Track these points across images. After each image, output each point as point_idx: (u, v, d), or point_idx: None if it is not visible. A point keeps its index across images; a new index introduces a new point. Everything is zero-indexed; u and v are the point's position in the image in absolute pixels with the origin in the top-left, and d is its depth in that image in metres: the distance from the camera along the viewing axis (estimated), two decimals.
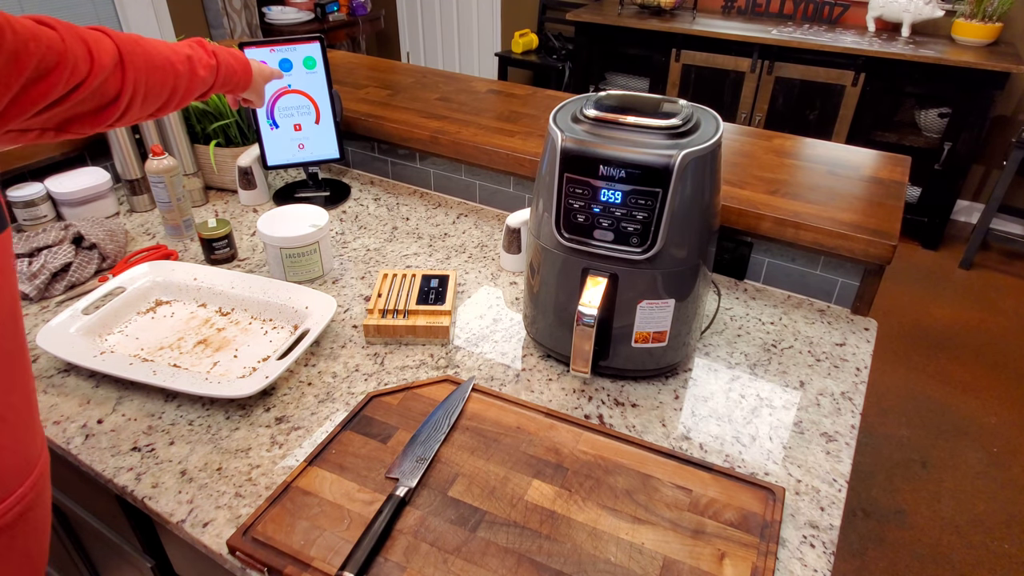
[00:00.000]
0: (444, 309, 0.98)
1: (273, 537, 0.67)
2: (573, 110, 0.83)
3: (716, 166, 0.79)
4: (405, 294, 1.00)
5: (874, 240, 0.98)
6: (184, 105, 0.79)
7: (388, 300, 0.99)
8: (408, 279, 1.04)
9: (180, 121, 1.31)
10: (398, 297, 0.99)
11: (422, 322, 0.95)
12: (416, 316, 0.97)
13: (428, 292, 1.01)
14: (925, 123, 3.12)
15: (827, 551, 0.69)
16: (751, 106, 3.19)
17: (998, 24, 2.86)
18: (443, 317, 0.97)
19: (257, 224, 1.09)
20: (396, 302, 0.98)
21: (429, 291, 1.01)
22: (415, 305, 0.98)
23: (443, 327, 0.96)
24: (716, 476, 0.74)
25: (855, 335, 1.02)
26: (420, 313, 0.97)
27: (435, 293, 1.01)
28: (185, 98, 0.78)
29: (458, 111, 1.43)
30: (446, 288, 1.03)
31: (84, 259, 1.12)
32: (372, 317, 0.96)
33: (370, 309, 0.97)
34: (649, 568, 0.65)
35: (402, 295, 1.00)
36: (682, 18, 3.31)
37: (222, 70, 0.83)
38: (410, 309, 0.97)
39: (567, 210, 0.80)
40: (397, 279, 1.04)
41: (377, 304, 0.98)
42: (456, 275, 1.07)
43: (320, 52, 1.26)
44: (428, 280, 1.04)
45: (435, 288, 1.02)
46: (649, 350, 0.87)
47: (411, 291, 1.01)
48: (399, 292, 1.01)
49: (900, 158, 1.24)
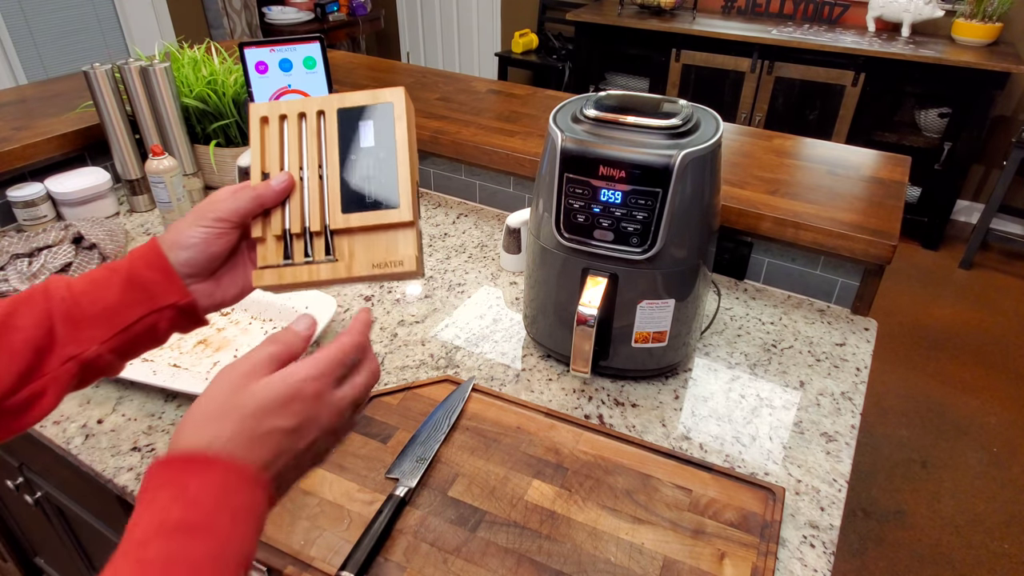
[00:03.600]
0: (396, 218, 0.53)
1: (273, 537, 0.67)
2: (573, 110, 0.83)
3: (716, 166, 0.79)
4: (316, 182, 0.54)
5: (874, 240, 0.98)
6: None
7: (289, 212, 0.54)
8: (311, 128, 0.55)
9: (180, 121, 1.31)
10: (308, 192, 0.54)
11: (362, 264, 0.53)
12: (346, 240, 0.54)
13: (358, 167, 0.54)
14: (925, 123, 3.12)
15: (827, 551, 0.69)
16: (751, 106, 3.19)
17: (998, 24, 2.86)
18: (399, 237, 0.54)
19: None
20: (303, 207, 0.54)
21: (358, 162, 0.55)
22: (341, 215, 0.53)
23: (396, 264, 0.53)
24: (716, 476, 0.74)
25: (855, 335, 1.02)
26: (353, 233, 0.54)
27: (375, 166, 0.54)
28: None
29: (458, 111, 1.43)
30: (391, 150, 0.54)
31: (84, 259, 1.12)
32: (266, 250, 0.54)
33: (259, 237, 0.54)
34: (649, 568, 0.65)
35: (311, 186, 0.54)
36: (682, 18, 3.31)
37: None
38: (335, 227, 0.53)
39: (567, 210, 0.80)
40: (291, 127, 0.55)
41: (269, 224, 0.54)
42: (404, 105, 0.56)
43: (320, 52, 1.26)
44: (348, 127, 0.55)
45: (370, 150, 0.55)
46: (649, 350, 0.87)
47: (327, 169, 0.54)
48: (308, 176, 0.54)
49: (900, 158, 1.24)
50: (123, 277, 0.51)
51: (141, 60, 1.29)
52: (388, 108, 0.56)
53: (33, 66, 3.25)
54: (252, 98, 1.26)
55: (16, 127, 1.32)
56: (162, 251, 0.52)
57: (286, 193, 0.54)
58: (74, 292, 0.50)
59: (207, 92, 1.33)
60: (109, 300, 0.50)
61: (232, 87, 1.35)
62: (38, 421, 0.49)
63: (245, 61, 1.23)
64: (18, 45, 3.17)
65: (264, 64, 1.24)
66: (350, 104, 0.56)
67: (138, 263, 0.52)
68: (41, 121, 1.36)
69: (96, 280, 0.51)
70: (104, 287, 0.51)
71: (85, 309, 0.50)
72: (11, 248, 1.10)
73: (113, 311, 0.50)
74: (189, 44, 1.49)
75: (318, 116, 0.56)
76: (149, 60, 1.31)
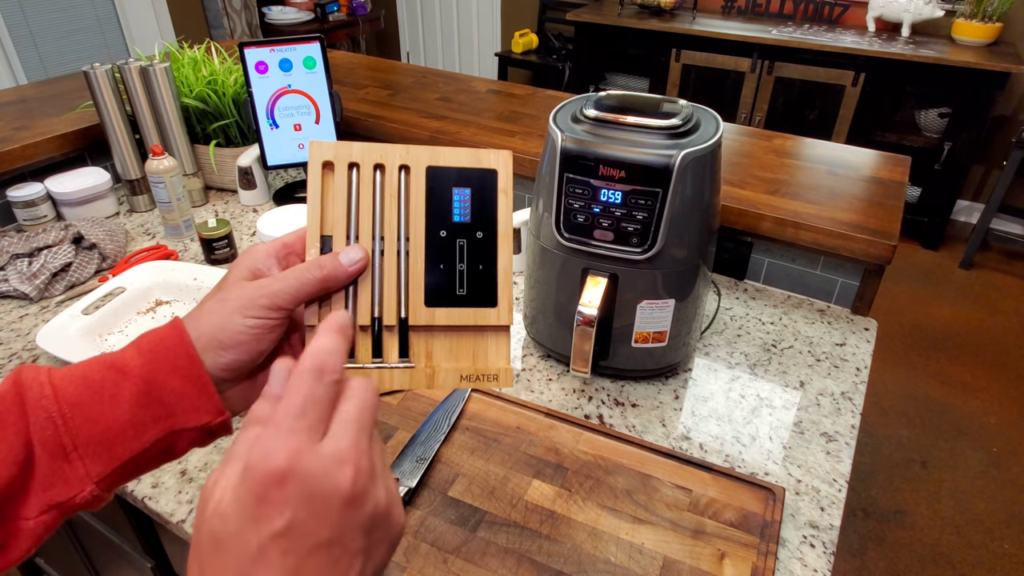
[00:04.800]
0: (492, 320, 0.44)
1: None
2: (573, 110, 0.83)
3: (716, 166, 0.79)
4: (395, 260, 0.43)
5: (874, 240, 0.98)
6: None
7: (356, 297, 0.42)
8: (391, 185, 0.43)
9: (180, 121, 1.31)
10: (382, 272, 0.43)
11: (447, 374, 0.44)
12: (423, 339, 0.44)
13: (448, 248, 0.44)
14: (925, 123, 3.12)
15: (827, 551, 0.69)
16: (751, 106, 3.19)
17: (998, 24, 2.86)
18: (490, 343, 0.45)
19: (257, 224, 1.09)
20: (374, 292, 0.42)
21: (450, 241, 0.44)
22: (425, 308, 0.43)
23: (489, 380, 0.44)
24: (716, 476, 0.74)
25: (855, 335, 1.02)
26: (434, 332, 0.44)
27: (469, 250, 0.44)
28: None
29: (458, 111, 1.43)
30: (492, 229, 0.44)
31: (84, 259, 1.12)
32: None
33: (314, 326, 0.41)
34: (649, 568, 0.65)
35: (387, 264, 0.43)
36: (682, 18, 3.31)
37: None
38: (415, 322, 0.43)
39: (567, 210, 0.80)
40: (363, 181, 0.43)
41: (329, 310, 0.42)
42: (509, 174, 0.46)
43: (320, 52, 1.26)
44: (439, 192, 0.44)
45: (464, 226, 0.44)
46: (649, 350, 0.87)
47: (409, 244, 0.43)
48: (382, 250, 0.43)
49: (900, 158, 1.24)
50: (137, 387, 0.36)
51: (141, 60, 1.29)
52: (491, 176, 0.44)
53: (33, 66, 3.25)
54: (252, 98, 1.26)
55: (16, 127, 1.32)
56: (195, 353, 0.37)
57: (358, 275, 0.41)
58: (63, 405, 0.35)
59: (207, 92, 1.33)
60: (115, 419, 0.36)
61: (232, 87, 1.35)
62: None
63: (245, 61, 1.23)
64: (18, 45, 3.17)
65: (264, 64, 1.24)
66: (444, 163, 0.44)
67: (160, 368, 0.37)
68: (41, 121, 1.36)
69: (96, 386, 0.36)
70: (109, 399, 0.36)
71: (80, 432, 0.35)
72: (11, 248, 1.10)
73: (119, 434, 0.36)
74: (189, 44, 1.49)
75: (400, 171, 0.43)
76: (149, 60, 1.31)
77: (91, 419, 0.35)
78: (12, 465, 0.33)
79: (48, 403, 0.35)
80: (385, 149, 0.43)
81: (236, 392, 0.40)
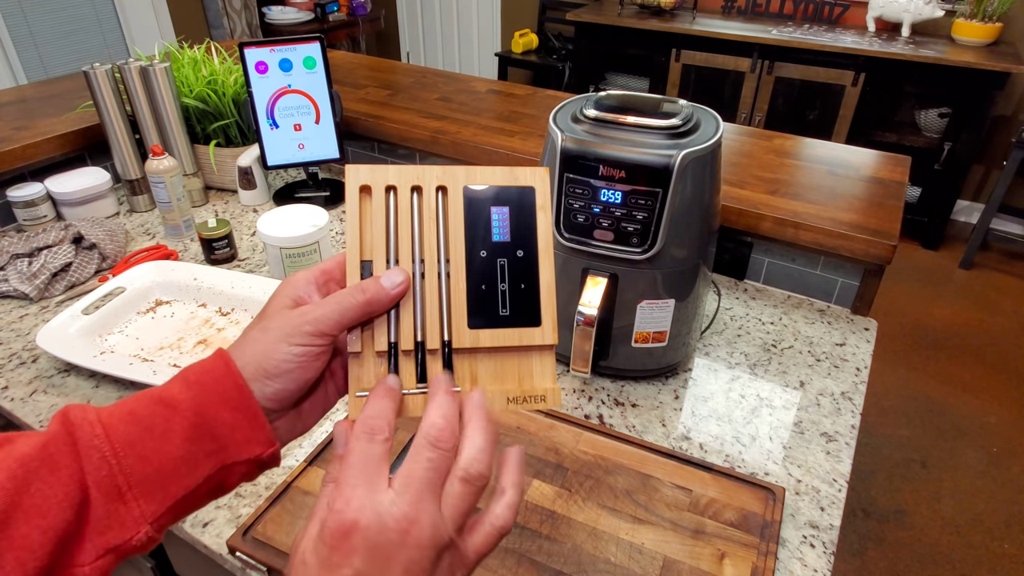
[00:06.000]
0: (538, 339, 0.43)
1: (273, 537, 0.67)
2: (573, 110, 0.83)
3: (716, 166, 0.79)
4: (436, 282, 0.42)
5: (874, 240, 0.98)
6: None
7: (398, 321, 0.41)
8: (429, 207, 0.43)
9: (180, 121, 1.31)
10: (423, 296, 0.42)
11: (494, 396, 0.42)
12: (467, 361, 0.42)
13: (489, 268, 0.43)
14: (925, 123, 3.12)
15: (827, 551, 0.69)
16: (751, 106, 3.19)
17: (998, 24, 2.86)
18: (535, 363, 0.44)
19: (257, 224, 1.09)
20: (417, 316, 0.41)
21: (491, 261, 0.43)
22: (468, 331, 0.42)
23: (536, 400, 0.43)
24: (716, 476, 0.74)
25: (855, 335, 1.02)
26: (477, 354, 0.43)
27: (510, 269, 0.43)
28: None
29: (458, 111, 1.43)
30: (533, 246, 0.43)
31: (84, 259, 1.12)
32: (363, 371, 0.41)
33: (357, 352, 0.41)
34: (649, 568, 0.65)
35: (428, 287, 0.42)
36: (682, 18, 3.31)
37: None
38: (459, 344, 0.42)
39: (567, 210, 0.80)
40: (402, 204, 0.42)
41: (371, 336, 0.41)
42: (547, 191, 0.44)
43: (320, 52, 1.26)
44: (477, 212, 0.43)
45: (504, 245, 0.43)
46: (649, 350, 0.87)
47: (450, 266, 0.42)
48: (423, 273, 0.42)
49: (900, 158, 1.24)
50: (188, 420, 0.36)
51: (141, 60, 1.29)
52: (529, 194, 0.44)
53: (33, 66, 3.25)
54: (252, 98, 1.26)
55: (16, 127, 1.32)
56: (244, 383, 0.37)
57: (402, 295, 0.40)
58: (116, 444, 0.34)
59: (207, 92, 1.33)
60: (167, 455, 0.35)
61: (232, 87, 1.35)
62: None
63: (245, 61, 1.23)
64: (18, 45, 3.17)
65: (264, 64, 1.24)
66: (481, 182, 0.43)
67: (210, 400, 0.36)
68: (41, 121, 1.36)
69: (146, 422, 0.35)
70: (160, 435, 0.35)
71: (134, 471, 0.34)
72: (11, 248, 1.10)
73: (172, 472, 0.35)
74: (189, 44, 1.49)
75: (438, 192, 0.43)
76: (149, 60, 1.31)
77: (144, 457, 0.35)
78: (68, 509, 0.32)
79: (100, 442, 0.34)
80: (421, 171, 0.43)
81: (283, 423, 0.40)
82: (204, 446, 0.36)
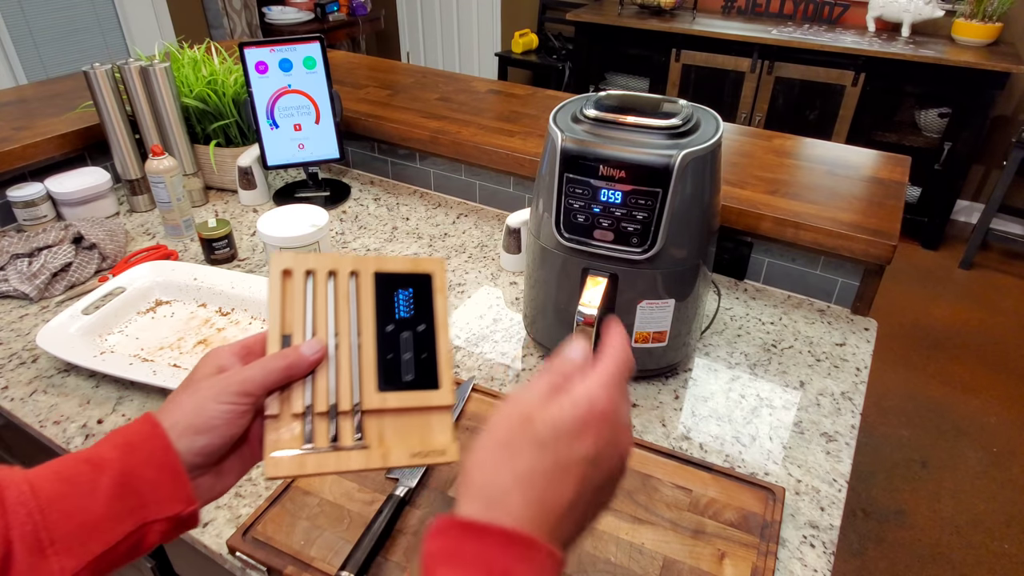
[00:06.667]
0: (436, 401, 0.48)
1: (273, 537, 0.67)
2: (573, 110, 0.83)
3: (716, 166, 0.79)
4: (348, 353, 0.47)
5: (874, 240, 0.98)
6: None
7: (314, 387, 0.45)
8: (342, 289, 0.48)
9: (180, 121, 1.31)
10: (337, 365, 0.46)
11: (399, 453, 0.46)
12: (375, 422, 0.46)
13: (394, 337, 0.48)
14: (925, 123, 3.12)
15: (827, 551, 0.69)
16: (751, 106, 3.19)
17: (998, 24, 2.86)
18: (434, 422, 0.48)
19: (257, 224, 1.09)
20: (329, 381, 0.46)
21: (396, 334, 0.48)
22: (377, 393, 0.46)
23: (438, 454, 0.47)
24: (716, 476, 0.74)
25: (855, 335, 1.02)
26: (384, 415, 0.47)
27: (413, 341, 0.49)
28: None
29: (458, 111, 1.43)
30: (431, 324, 0.49)
31: (84, 259, 1.12)
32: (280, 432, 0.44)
33: (274, 415, 0.44)
34: (649, 568, 0.65)
35: (341, 357, 0.47)
36: (682, 18, 3.31)
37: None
38: (368, 406, 0.46)
39: (567, 210, 0.80)
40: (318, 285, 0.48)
41: (288, 400, 0.45)
42: (444, 278, 0.51)
43: (320, 52, 1.26)
44: (385, 294, 0.49)
45: (408, 321, 0.49)
46: (649, 350, 0.87)
47: (360, 338, 0.47)
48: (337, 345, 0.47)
49: (900, 158, 1.24)
50: (113, 479, 0.38)
51: (141, 60, 1.29)
52: (428, 279, 0.51)
53: (33, 66, 3.25)
54: (252, 98, 1.26)
55: (16, 127, 1.32)
56: (169, 443, 0.40)
57: (318, 363, 0.45)
58: (42, 500, 0.36)
59: (207, 92, 1.33)
60: (90, 512, 0.37)
61: (232, 87, 1.35)
62: None
63: (245, 61, 1.23)
64: (18, 45, 3.17)
65: (264, 64, 1.24)
66: (389, 269, 0.50)
67: (136, 459, 0.39)
68: (41, 121, 1.36)
69: (72, 480, 0.37)
70: (86, 493, 0.37)
71: (56, 527, 0.36)
72: (11, 248, 1.10)
73: (93, 528, 0.37)
74: (189, 44, 1.49)
75: (351, 277, 0.49)
76: (149, 60, 1.31)
77: (68, 513, 0.36)
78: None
79: (27, 499, 0.36)
80: (337, 258, 0.49)
81: (204, 480, 0.43)
82: (127, 502, 0.38)
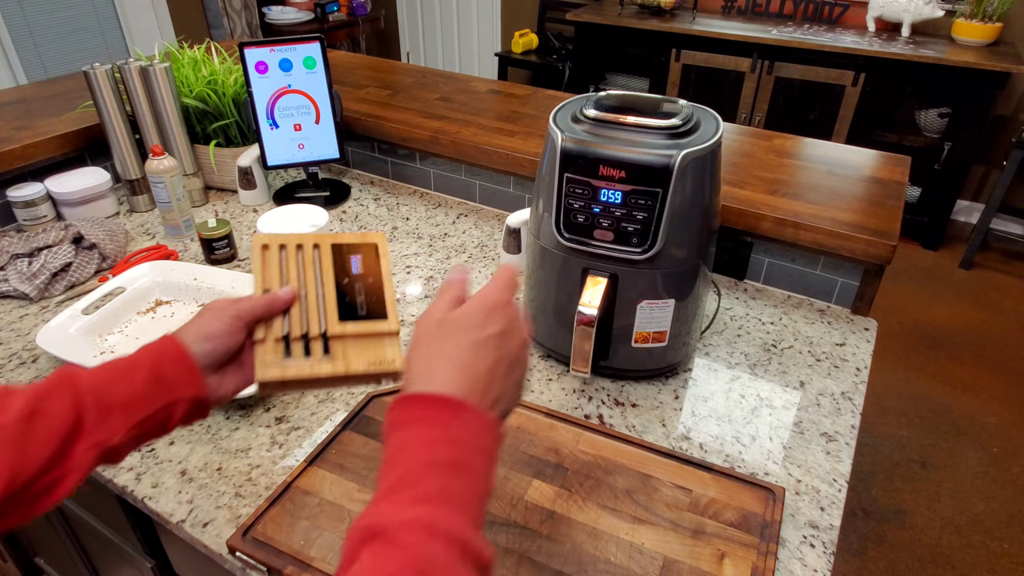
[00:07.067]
0: (385, 328, 0.62)
1: (273, 537, 0.67)
2: (573, 110, 0.83)
3: (716, 166, 0.79)
4: (315, 297, 0.62)
5: (874, 240, 0.98)
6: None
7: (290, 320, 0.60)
8: (308, 256, 0.64)
9: (180, 121, 1.31)
10: (307, 305, 0.61)
11: (358, 362, 0.60)
12: (340, 344, 0.61)
13: (350, 286, 0.64)
14: (925, 123, 3.12)
15: (827, 551, 0.69)
16: (751, 106, 3.19)
17: (998, 24, 2.86)
18: (386, 343, 0.62)
19: (257, 224, 1.09)
20: (302, 316, 0.61)
21: (351, 284, 0.64)
22: (338, 323, 0.61)
23: (389, 363, 0.61)
24: (716, 476, 0.74)
25: (855, 335, 1.02)
26: (347, 339, 0.61)
27: (362, 288, 0.64)
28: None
29: (458, 111, 1.43)
30: (379, 277, 0.65)
31: (84, 259, 1.12)
32: (265, 350, 0.59)
33: (261, 339, 0.59)
34: (649, 568, 0.65)
35: (309, 300, 0.62)
36: (682, 18, 3.31)
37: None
38: (332, 332, 0.61)
39: (567, 210, 0.80)
40: (289, 255, 0.64)
41: (271, 328, 0.60)
42: (386, 245, 0.67)
43: (320, 52, 1.26)
44: (340, 258, 0.65)
45: (359, 276, 0.65)
46: (649, 350, 0.87)
47: (323, 288, 0.63)
48: (305, 293, 0.62)
49: (900, 158, 1.24)
50: (147, 372, 0.54)
51: (141, 60, 1.29)
52: (373, 247, 0.67)
53: (33, 66, 3.25)
54: (252, 98, 1.26)
55: (16, 127, 1.32)
56: (185, 348, 0.56)
57: (291, 301, 0.60)
58: (100, 382, 0.53)
59: (207, 92, 1.33)
60: (133, 391, 0.53)
61: (232, 87, 1.35)
62: (56, 505, 0.50)
63: (245, 61, 1.23)
64: (18, 45, 3.18)
65: (264, 64, 1.24)
66: (343, 241, 0.66)
67: (161, 360, 0.55)
68: (41, 121, 1.36)
69: (120, 371, 0.54)
70: (128, 380, 0.54)
71: (112, 398, 0.52)
72: (11, 248, 1.10)
73: (136, 401, 0.53)
74: (189, 44, 1.49)
75: (314, 247, 0.65)
76: (149, 60, 1.31)
77: (118, 391, 0.53)
78: (70, 416, 0.50)
79: (91, 380, 0.53)
80: (302, 236, 0.65)
81: (212, 380, 0.58)
82: (159, 386, 0.54)
